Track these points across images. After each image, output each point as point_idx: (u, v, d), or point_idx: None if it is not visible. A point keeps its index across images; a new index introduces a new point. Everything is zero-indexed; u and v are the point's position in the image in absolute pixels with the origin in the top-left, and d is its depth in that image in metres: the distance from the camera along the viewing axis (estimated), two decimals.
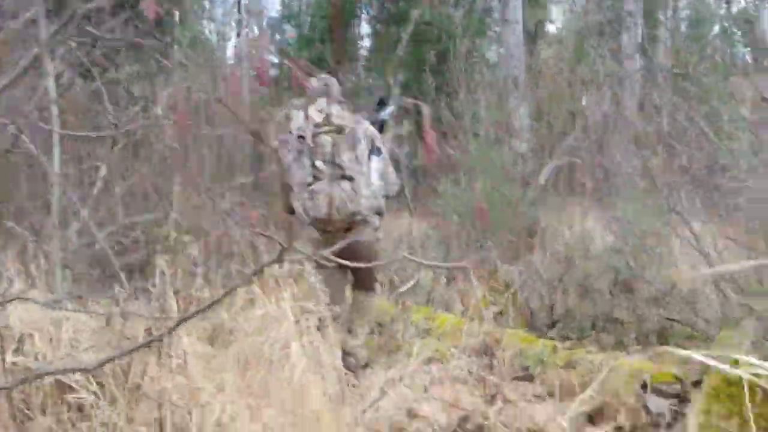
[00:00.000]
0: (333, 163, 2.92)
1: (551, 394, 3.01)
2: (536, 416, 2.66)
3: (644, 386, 2.72)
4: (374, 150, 3.03)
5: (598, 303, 4.37)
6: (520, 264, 4.66)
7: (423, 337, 3.51)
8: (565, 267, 4.51)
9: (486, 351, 3.33)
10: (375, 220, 3.01)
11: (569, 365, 3.00)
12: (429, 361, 3.36)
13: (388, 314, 4.00)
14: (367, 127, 3.10)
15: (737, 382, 2.41)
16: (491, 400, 2.59)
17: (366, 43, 16.05)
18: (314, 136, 2.95)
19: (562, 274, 4.34)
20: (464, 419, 2.39)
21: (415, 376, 2.79)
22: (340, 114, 3.05)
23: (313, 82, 3.37)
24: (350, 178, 2.90)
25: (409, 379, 2.71)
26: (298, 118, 3.06)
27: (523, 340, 3.30)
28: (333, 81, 3.29)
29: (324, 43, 14.34)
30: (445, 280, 4.66)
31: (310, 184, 2.94)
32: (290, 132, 3.07)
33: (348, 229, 2.96)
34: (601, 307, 4.31)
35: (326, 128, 2.96)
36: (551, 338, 3.54)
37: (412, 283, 4.52)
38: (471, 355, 3.36)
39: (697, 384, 2.67)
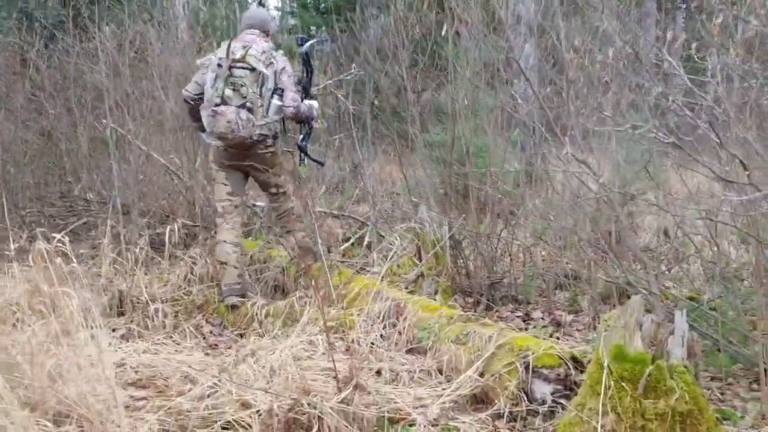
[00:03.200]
0: (239, 93, 3.43)
1: (441, 371, 2.69)
2: (401, 401, 2.35)
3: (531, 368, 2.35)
4: (277, 90, 3.50)
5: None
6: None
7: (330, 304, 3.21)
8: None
9: (388, 319, 3.01)
10: (269, 141, 3.57)
11: (460, 339, 2.64)
12: (327, 330, 3.09)
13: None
14: (279, 66, 3.52)
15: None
16: (343, 385, 2.28)
17: None
18: (230, 68, 3.45)
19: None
20: (290, 409, 2.10)
21: (277, 352, 2.52)
22: (258, 55, 3.49)
23: (246, 14, 3.86)
24: (249, 109, 3.44)
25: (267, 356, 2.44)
26: (223, 48, 3.52)
27: (426, 309, 2.95)
28: (264, 16, 3.76)
29: None
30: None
31: (217, 105, 3.44)
32: (213, 57, 3.55)
33: (245, 146, 3.50)
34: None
35: (241, 65, 3.45)
36: (453, 307, 3.17)
37: (351, 241, 4.18)
38: (374, 324, 3.07)
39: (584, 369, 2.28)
